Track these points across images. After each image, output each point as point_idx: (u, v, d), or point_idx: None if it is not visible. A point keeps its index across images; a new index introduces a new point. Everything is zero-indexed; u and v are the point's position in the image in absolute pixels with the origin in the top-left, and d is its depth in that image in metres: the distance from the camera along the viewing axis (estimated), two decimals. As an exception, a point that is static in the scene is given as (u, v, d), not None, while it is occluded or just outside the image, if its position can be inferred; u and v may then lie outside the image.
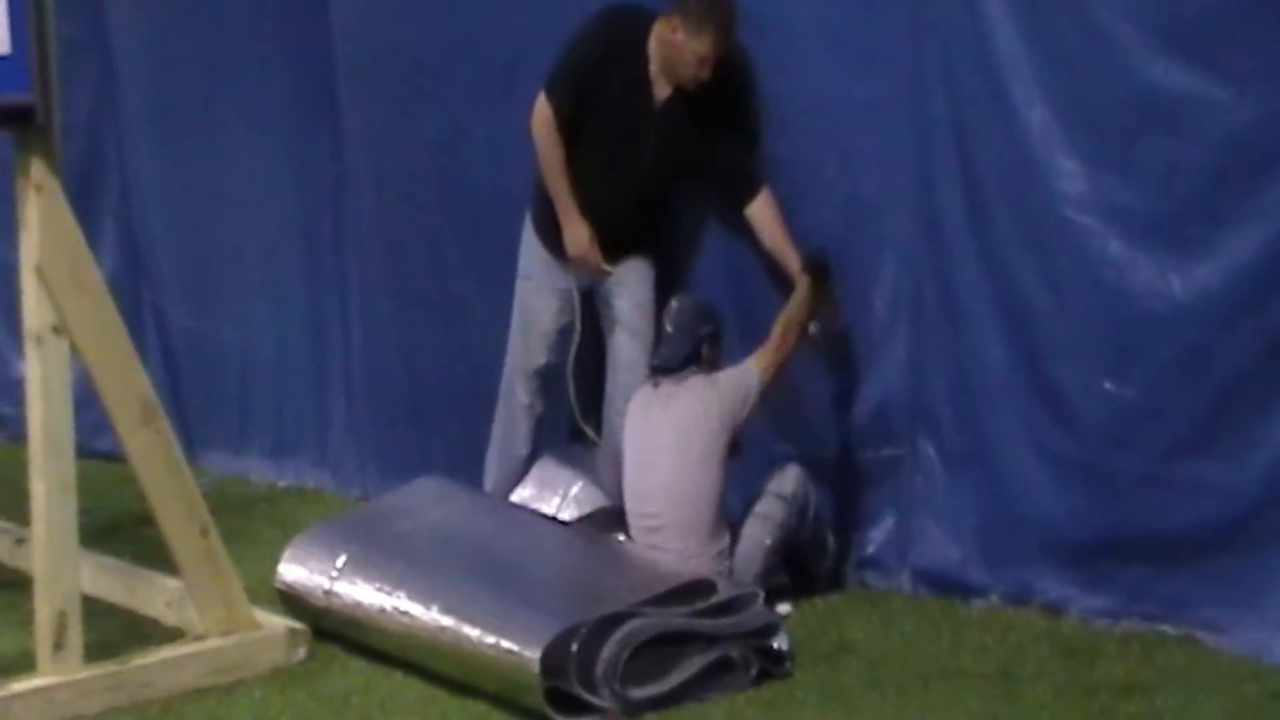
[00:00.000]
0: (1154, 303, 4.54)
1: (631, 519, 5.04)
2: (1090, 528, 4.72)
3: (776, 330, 5.08)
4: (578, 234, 5.30)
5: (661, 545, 4.91)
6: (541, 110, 5.27)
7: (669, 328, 5.13)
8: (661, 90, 5.26)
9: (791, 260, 5.15)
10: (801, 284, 5.09)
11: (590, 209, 5.30)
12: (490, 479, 5.63)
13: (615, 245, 5.34)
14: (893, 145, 5.07)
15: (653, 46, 5.22)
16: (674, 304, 5.17)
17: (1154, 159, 4.53)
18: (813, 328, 5.14)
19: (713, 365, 5.10)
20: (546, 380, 5.55)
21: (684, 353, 5.08)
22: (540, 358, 5.52)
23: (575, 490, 5.42)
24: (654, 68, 5.25)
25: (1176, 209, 4.51)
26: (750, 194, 5.23)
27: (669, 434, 5.00)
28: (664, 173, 5.33)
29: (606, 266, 5.35)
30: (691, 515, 4.92)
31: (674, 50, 5.14)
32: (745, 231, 5.27)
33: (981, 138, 4.86)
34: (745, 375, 5.03)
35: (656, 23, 5.19)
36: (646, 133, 5.28)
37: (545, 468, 5.53)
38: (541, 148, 5.29)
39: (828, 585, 5.14)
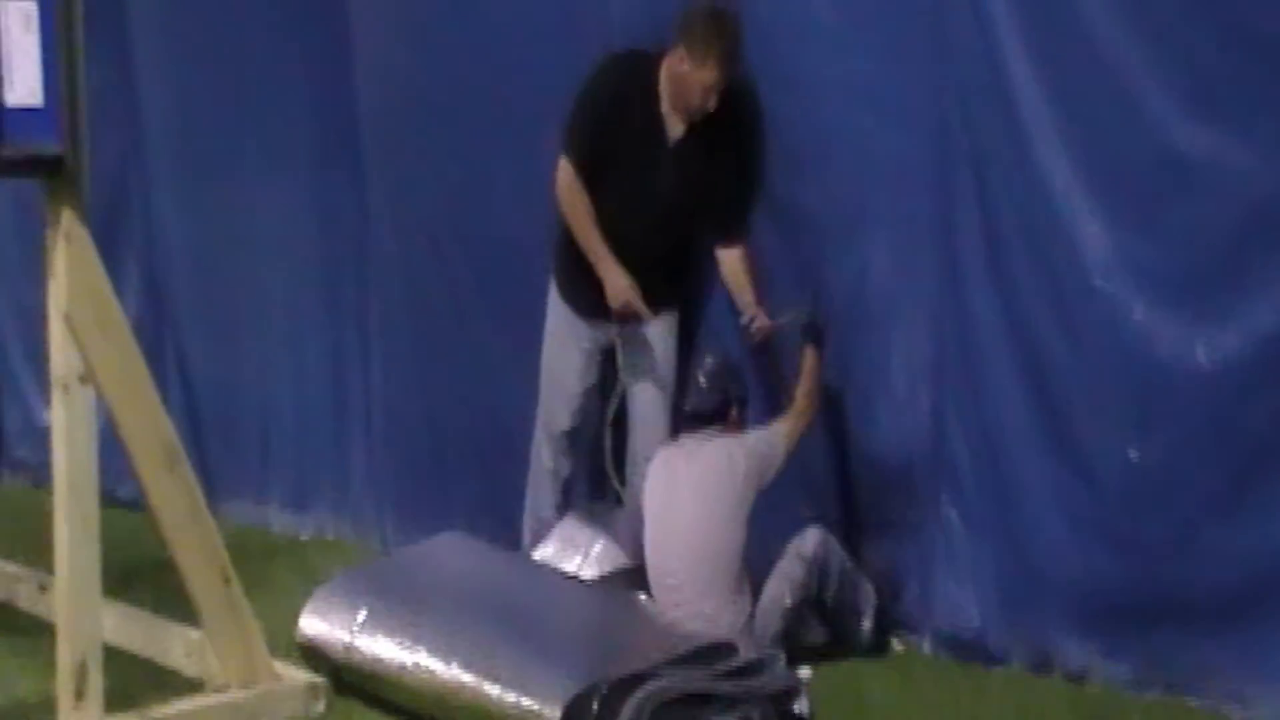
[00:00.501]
0: (1178, 367, 4.52)
1: (652, 575, 5.03)
2: (1113, 593, 4.69)
3: (799, 398, 5.09)
4: (619, 284, 5.28)
5: (682, 603, 4.90)
6: (563, 172, 5.30)
7: (701, 379, 5.14)
8: (675, 129, 5.30)
9: (747, 300, 5.22)
10: (809, 354, 5.10)
11: (616, 255, 5.31)
12: (524, 541, 5.64)
13: (644, 289, 5.32)
14: (916, 205, 5.07)
15: (663, 83, 5.26)
16: (708, 358, 5.19)
17: (1179, 223, 4.53)
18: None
19: (738, 428, 5.11)
20: (572, 442, 5.56)
21: (712, 405, 5.09)
22: (564, 420, 5.53)
23: (596, 549, 5.40)
24: (665, 106, 5.28)
25: (1202, 274, 4.50)
26: (732, 240, 5.31)
27: (691, 492, 5.00)
28: (684, 211, 5.34)
29: (648, 312, 5.32)
30: (711, 574, 4.91)
31: (681, 82, 5.18)
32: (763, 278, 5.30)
33: (1005, 199, 4.85)
34: (772, 439, 5.04)
35: (665, 59, 5.23)
36: (664, 172, 5.30)
37: (567, 527, 5.52)
38: (569, 208, 5.31)
39: (869, 647, 5.09)
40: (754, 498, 4.98)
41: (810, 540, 5.00)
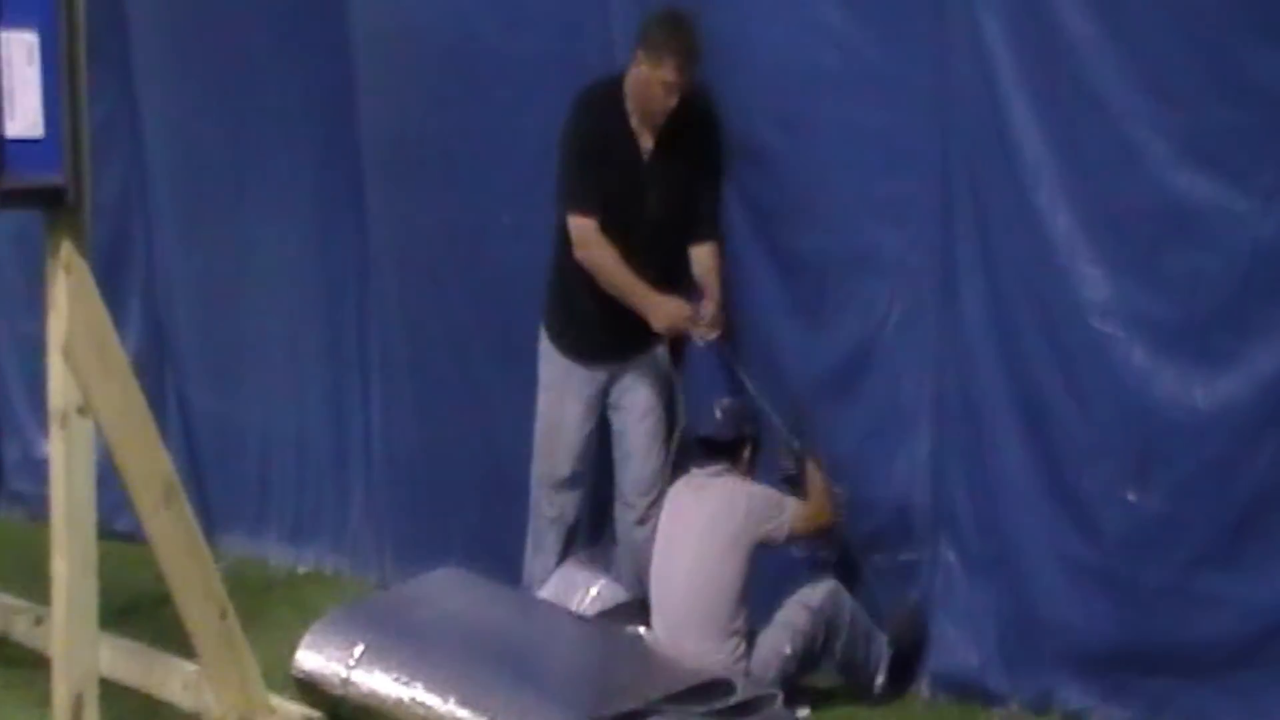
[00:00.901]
0: (1177, 413, 4.53)
1: (653, 605, 5.04)
2: (1111, 637, 4.69)
3: (811, 497, 5.11)
4: (662, 303, 5.25)
5: (679, 639, 4.89)
6: (580, 231, 5.29)
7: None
8: (646, 141, 5.35)
9: (714, 297, 5.28)
10: (811, 470, 5.12)
11: None
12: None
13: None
14: (917, 247, 5.09)
15: (628, 99, 5.31)
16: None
17: (1179, 269, 4.55)
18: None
19: (747, 470, 5.13)
20: (574, 486, 5.55)
21: (726, 439, 5.11)
22: (566, 468, 5.52)
23: (596, 589, 5.38)
24: (634, 121, 5.33)
25: (1201, 319, 4.51)
26: (702, 238, 5.36)
27: (696, 523, 5.01)
28: (670, 223, 5.36)
29: (704, 325, 5.29)
30: (707, 608, 4.90)
31: (642, 84, 5.25)
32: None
33: (1006, 244, 4.87)
34: (781, 505, 5.04)
35: (627, 71, 5.29)
36: (645, 187, 5.35)
37: (568, 568, 5.51)
38: (600, 264, 5.28)
39: (880, 698, 5.06)
40: (752, 544, 4.97)
41: (820, 591, 5.00)
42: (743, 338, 5.46)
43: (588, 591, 5.39)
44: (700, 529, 4.99)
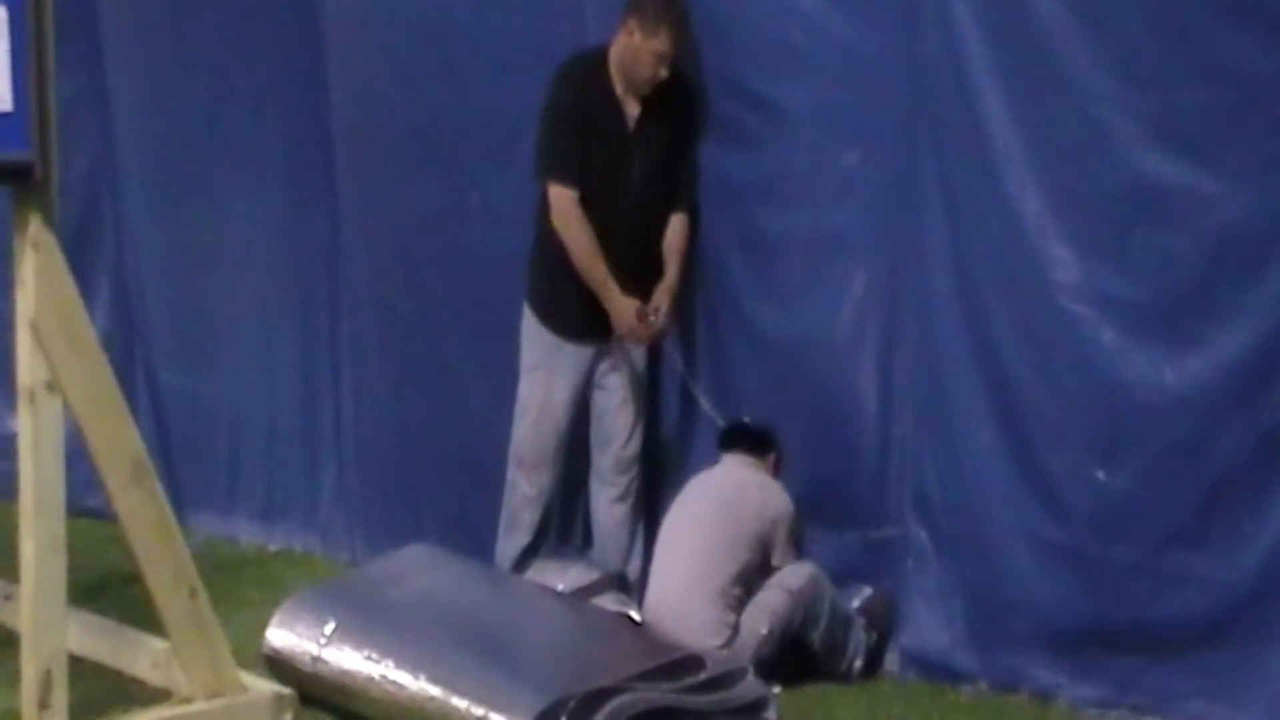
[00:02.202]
0: (1146, 393, 4.55)
1: (654, 572, 5.10)
2: (1080, 616, 4.72)
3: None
4: (625, 309, 5.30)
5: (675, 605, 4.91)
6: (559, 202, 5.30)
7: (745, 418, 5.27)
8: (632, 109, 5.37)
9: (674, 269, 5.34)
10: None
11: (604, 253, 5.32)
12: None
13: (631, 278, 5.35)
14: (886, 227, 5.10)
15: (613, 64, 5.33)
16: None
17: (1148, 250, 4.56)
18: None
19: (772, 475, 5.21)
20: (555, 465, 5.55)
21: (756, 433, 5.20)
22: (551, 446, 5.52)
23: (573, 573, 5.38)
24: (619, 89, 5.34)
25: (1170, 300, 4.54)
26: (678, 207, 5.40)
27: (713, 497, 5.08)
28: (655, 193, 5.39)
29: (656, 319, 5.33)
30: (706, 577, 4.91)
31: (633, 54, 5.27)
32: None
33: (975, 225, 4.88)
34: (794, 519, 5.09)
35: (613, 43, 5.31)
36: (630, 155, 5.36)
37: (542, 570, 5.48)
38: (573, 238, 5.30)
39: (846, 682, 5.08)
40: (759, 534, 5.01)
41: (800, 574, 5.01)
42: (711, 317, 5.48)
43: (564, 575, 5.39)
44: (714, 506, 5.04)
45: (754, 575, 5.00)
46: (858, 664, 5.07)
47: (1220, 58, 4.40)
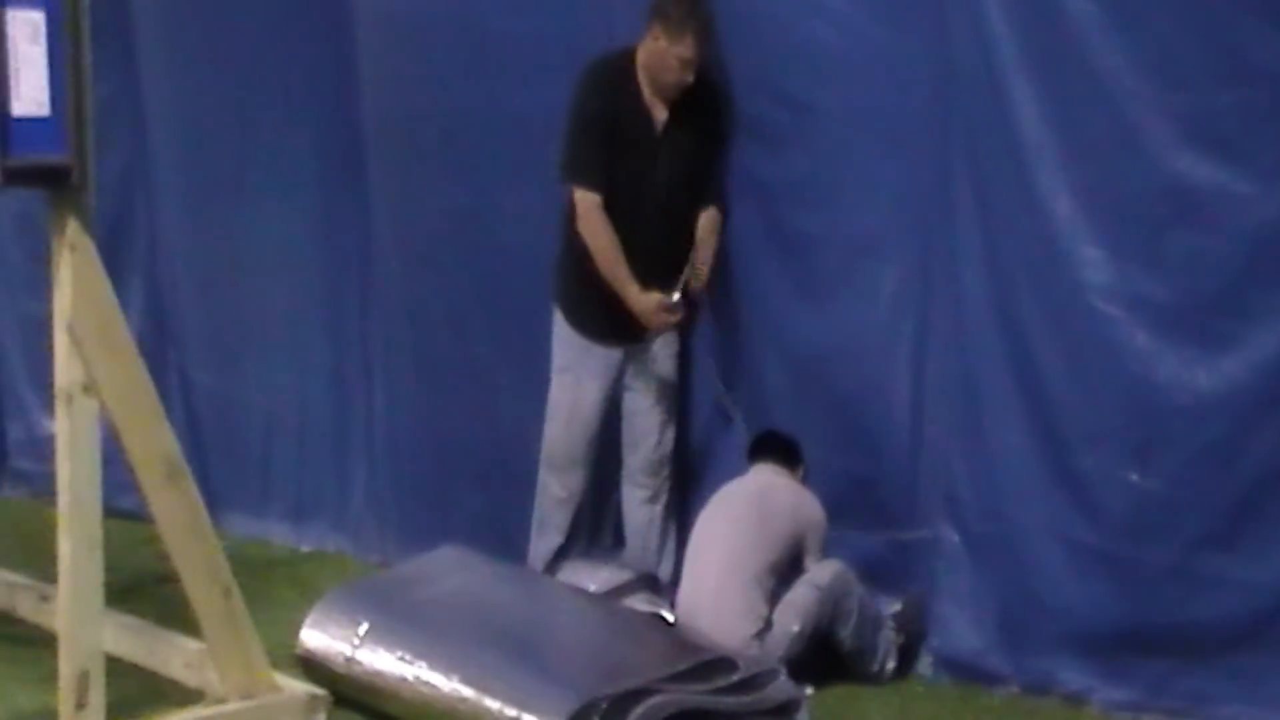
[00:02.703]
0: (1179, 395, 4.54)
1: (685, 575, 5.10)
2: (1112, 619, 4.71)
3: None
4: (647, 305, 5.32)
5: (705, 608, 4.91)
6: (582, 205, 5.32)
7: (776, 428, 5.29)
8: (660, 113, 5.37)
9: (701, 260, 5.34)
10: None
11: (627, 256, 5.33)
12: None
13: (656, 281, 5.35)
14: (919, 229, 5.10)
15: (641, 71, 5.33)
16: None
17: (1180, 251, 4.55)
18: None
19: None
20: (585, 467, 5.57)
21: (785, 441, 5.23)
22: (581, 448, 5.54)
23: (604, 574, 5.38)
24: (646, 93, 5.35)
25: (1202, 301, 4.52)
26: (705, 203, 5.40)
27: (744, 495, 5.09)
28: (682, 196, 5.39)
29: (674, 309, 5.35)
30: (739, 579, 4.91)
31: (658, 58, 5.27)
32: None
33: (1007, 227, 4.87)
34: (825, 527, 5.10)
35: (639, 47, 5.31)
36: (656, 158, 5.37)
37: (574, 571, 5.49)
38: (597, 242, 5.32)
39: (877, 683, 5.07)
40: (792, 536, 5.02)
41: (827, 571, 5.01)
42: (742, 318, 5.48)
43: (595, 576, 5.40)
44: (745, 507, 5.05)
45: (786, 571, 5.01)
46: (890, 665, 5.07)
47: (1254, 57, 4.39)
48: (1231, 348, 4.48)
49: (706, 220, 5.42)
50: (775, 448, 5.24)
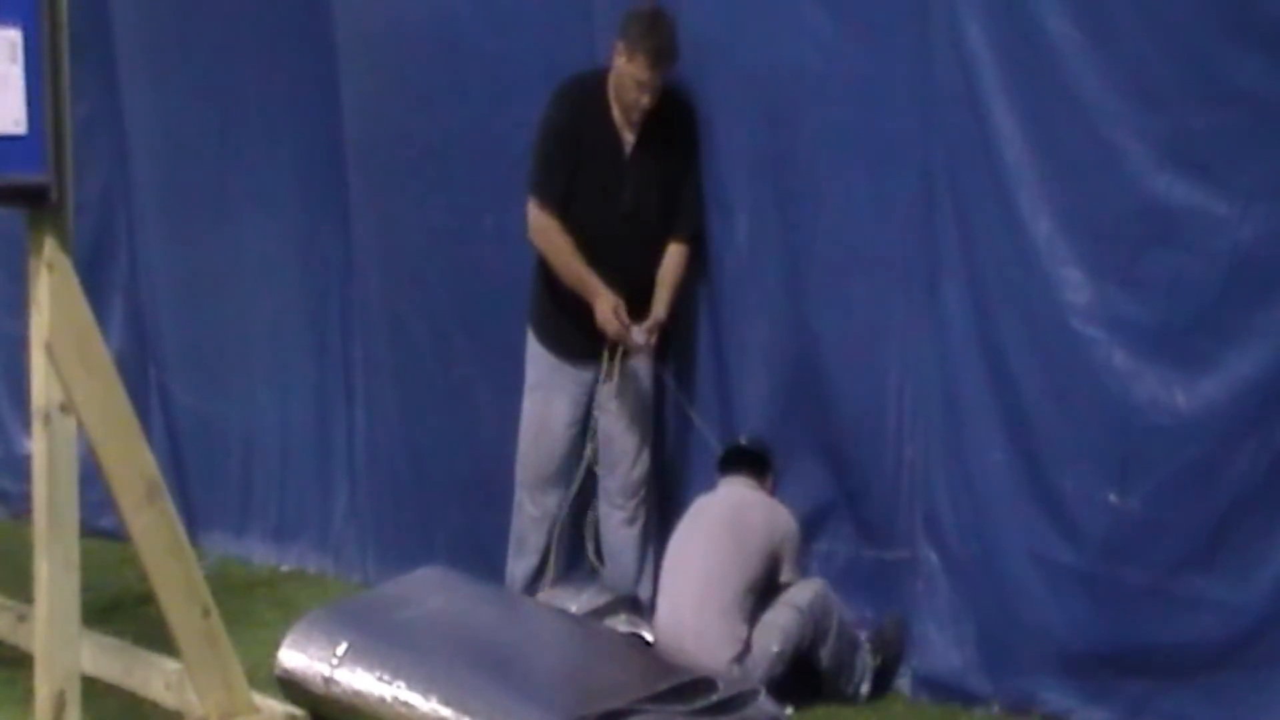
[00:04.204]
0: (1158, 415, 4.54)
1: (661, 591, 5.07)
2: (1092, 639, 4.71)
3: None
4: (606, 303, 5.31)
5: (685, 625, 4.89)
6: (536, 218, 5.37)
7: (742, 440, 5.30)
8: (628, 135, 5.38)
9: (662, 301, 5.34)
10: None
11: (592, 267, 5.34)
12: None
13: (624, 301, 5.35)
14: (898, 249, 5.10)
15: (611, 94, 5.34)
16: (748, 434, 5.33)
17: (1159, 272, 4.55)
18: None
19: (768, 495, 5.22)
20: (558, 486, 5.57)
21: (754, 453, 5.22)
22: (551, 467, 5.55)
23: (585, 596, 5.40)
24: (616, 115, 5.36)
25: (1181, 322, 4.53)
26: (677, 234, 5.40)
27: (717, 516, 5.07)
28: (651, 221, 5.40)
29: (636, 335, 5.35)
30: (717, 597, 4.89)
31: (619, 78, 5.30)
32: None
33: (987, 246, 4.88)
34: (799, 536, 5.11)
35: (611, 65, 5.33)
36: (627, 185, 5.38)
37: (556, 594, 5.50)
38: (548, 247, 5.37)
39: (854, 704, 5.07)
40: (766, 551, 5.00)
41: (808, 591, 5.01)
42: (722, 336, 5.49)
43: (576, 599, 5.39)
44: (720, 524, 5.04)
45: (763, 590, 5.00)
46: (864, 687, 5.06)
47: (1232, 80, 4.40)
48: (1210, 368, 4.48)
49: (670, 259, 5.42)
50: (744, 459, 5.23)
